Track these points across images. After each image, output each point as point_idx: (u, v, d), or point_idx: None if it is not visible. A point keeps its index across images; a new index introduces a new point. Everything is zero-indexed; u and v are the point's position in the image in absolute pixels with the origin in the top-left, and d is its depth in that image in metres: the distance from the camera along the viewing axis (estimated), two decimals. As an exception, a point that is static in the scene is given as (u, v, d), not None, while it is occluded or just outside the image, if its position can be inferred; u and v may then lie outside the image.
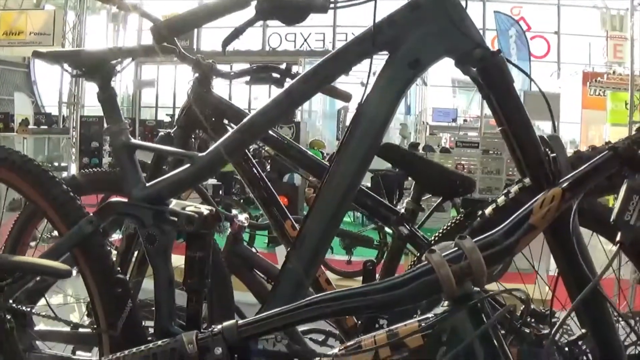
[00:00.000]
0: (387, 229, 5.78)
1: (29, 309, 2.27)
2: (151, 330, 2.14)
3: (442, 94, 21.24)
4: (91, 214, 2.08)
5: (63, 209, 2.16)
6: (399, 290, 1.26)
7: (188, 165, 2.06)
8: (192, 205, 2.05)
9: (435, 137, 17.29)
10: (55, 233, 2.28)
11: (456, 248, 1.25)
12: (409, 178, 2.90)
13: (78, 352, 2.70)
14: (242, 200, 9.31)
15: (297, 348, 1.30)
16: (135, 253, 2.80)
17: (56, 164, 12.29)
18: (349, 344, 1.37)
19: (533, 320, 2.37)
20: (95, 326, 2.19)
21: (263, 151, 10.92)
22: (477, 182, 10.78)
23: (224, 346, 1.25)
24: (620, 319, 2.04)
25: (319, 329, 3.63)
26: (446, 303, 1.30)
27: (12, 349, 1.79)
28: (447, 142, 16.55)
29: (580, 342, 2.17)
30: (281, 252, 2.21)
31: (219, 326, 1.28)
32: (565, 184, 1.34)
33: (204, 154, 2.06)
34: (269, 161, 10.89)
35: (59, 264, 1.86)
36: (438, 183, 2.58)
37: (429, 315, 1.32)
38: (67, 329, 2.52)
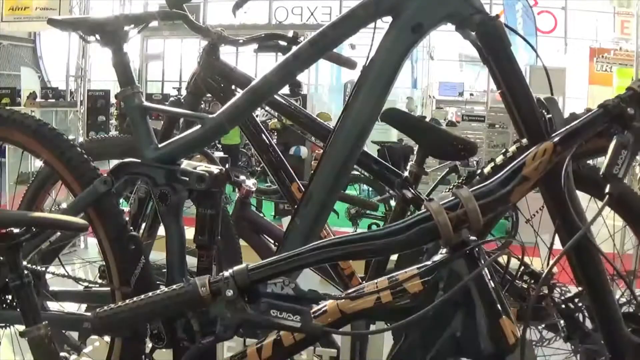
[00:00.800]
0: (392, 202, 5.89)
1: (43, 268, 2.37)
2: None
3: (448, 68, 21.26)
4: (105, 175, 2.18)
5: (77, 170, 2.25)
6: (399, 236, 1.35)
7: (198, 126, 2.15)
8: (202, 165, 2.15)
9: (442, 111, 17.34)
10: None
11: (453, 197, 1.33)
12: (414, 151, 2.97)
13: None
14: (248, 173, 9.44)
15: (303, 291, 1.38)
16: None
17: (64, 137, 12.43)
18: (352, 289, 1.46)
19: (532, 281, 2.47)
20: (108, 283, 2.29)
21: (270, 123, 11.02)
22: (482, 155, 10.86)
23: (234, 288, 1.34)
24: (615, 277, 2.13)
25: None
26: (444, 251, 1.38)
27: (31, 304, 1.88)
28: (454, 116, 16.58)
29: (576, 300, 2.26)
30: (287, 222, 2.28)
31: (230, 270, 1.37)
32: (556, 139, 1.42)
33: (213, 115, 2.14)
34: (276, 134, 11.00)
35: (76, 218, 1.96)
36: (441, 146, 2.65)
37: (428, 262, 1.41)
38: (80, 288, 2.62)
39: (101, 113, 13.67)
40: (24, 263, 1.98)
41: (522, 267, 2.48)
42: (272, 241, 3.21)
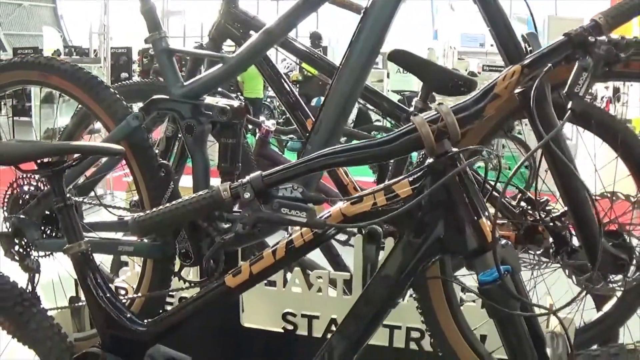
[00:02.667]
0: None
1: (80, 199, 2.66)
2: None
3: (470, 20, 21.30)
4: (137, 111, 2.47)
5: (111, 108, 2.54)
6: (390, 145, 1.61)
7: (220, 65, 2.44)
8: (224, 100, 2.44)
9: (463, 62, 17.43)
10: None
11: (435, 112, 1.59)
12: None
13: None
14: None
15: (310, 195, 1.64)
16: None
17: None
18: (352, 196, 1.74)
19: (529, 207, 2.72)
20: (141, 210, 2.59)
21: (291, 75, 11.23)
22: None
23: (251, 192, 1.61)
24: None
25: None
26: (429, 161, 1.65)
27: (73, 223, 2.15)
28: (475, 68, 16.67)
29: (563, 218, 2.52)
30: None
31: (247, 177, 1.64)
32: (524, 62, 1.68)
33: (234, 55, 2.43)
34: (297, 86, 11.25)
35: (113, 145, 2.24)
36: (443, 83, 2.90)
37: (416, 170, 1.67)
38: (114, 218, 2.91)
39: (124, 70, 13.96)
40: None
41: (520, 194, 2.76)
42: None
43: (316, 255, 3.52)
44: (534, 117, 1.80)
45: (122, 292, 2.96)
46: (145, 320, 2.10)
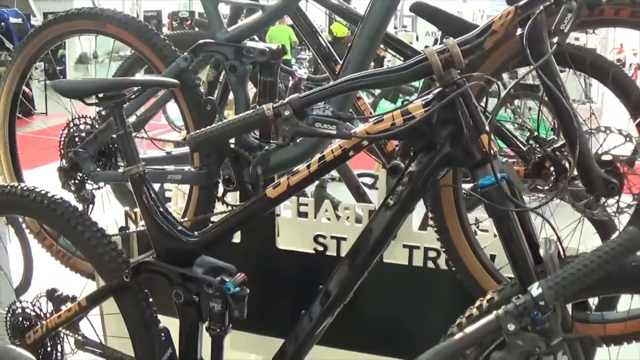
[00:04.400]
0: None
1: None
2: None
3: (501, -16, 21.36)
4: (185, 53, 2.84)
5: (162, 52, 2.92)
6: (405, 71, 1.96)
7: (259, 12, 2.81)
8: (262, 44, 2.81)
9: (493, 25, 17.59)
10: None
11: (443, 45, 1.94)
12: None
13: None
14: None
15: (339, 113, 2.00)
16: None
17: (122, 53, 13.14)
18: (375, 116, 2.09)
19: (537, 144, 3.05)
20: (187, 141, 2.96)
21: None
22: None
23: (290, 110, 1.95)
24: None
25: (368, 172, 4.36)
26: (437, 89, 2.00)
27: (131, 148, 2.51)
28: (505, 32, 16.79)
29: (562, 149, 2.85)
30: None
31: (287, 98, 1.99)
32: (519, 4, 2.00)
33: (271, 4, 2.81)
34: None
35: (169, 79, 2.63)
36: (460, 32, 3.22)
37: (427, 95, 2.03)
38: (163, 153, 3.29)
39: (155, 33, 14.31)
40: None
41: (529, 132, 3.10)
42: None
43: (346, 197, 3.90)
44: (526, 52, 2.11)
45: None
46: (195, 232, 2.48)
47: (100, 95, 2.45)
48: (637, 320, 2.38)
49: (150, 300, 2.58)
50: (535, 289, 1.50)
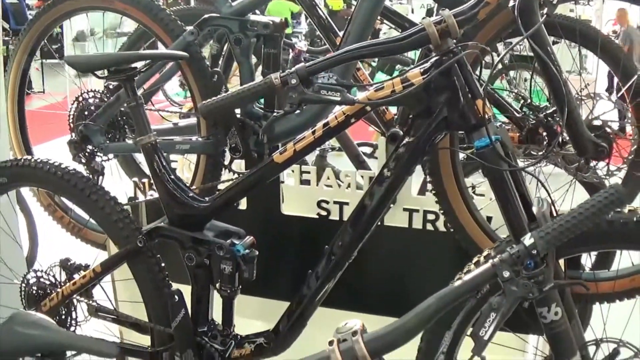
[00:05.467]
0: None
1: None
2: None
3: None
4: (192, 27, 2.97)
5: (168, 26, 3.05)
6: (404, 41, 2.09)
7: (262, -14, 2.96)
8: (266, 17, 2.95)
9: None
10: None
11: (440, 17, 2.07)
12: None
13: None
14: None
15: (342, 81, 2.13)
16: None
17: (119, 30, 13.26)
18: (376, 84, 2.23)
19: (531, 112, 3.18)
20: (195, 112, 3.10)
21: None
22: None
23: (297, 78, 2.08)
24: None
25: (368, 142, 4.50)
26: (434, 58, 2.13)
27: (143, 119, 2.65)
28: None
29: (554, 115, 2.99)
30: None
31: (293, 68, 2.12)
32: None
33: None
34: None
35: (178, 51, 2.77)
36: (454, 3, 3.34)
37: (425, 63, 2.16)
38: (170, 125, 3.43)
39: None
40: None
41: (523, 100, 3.24)
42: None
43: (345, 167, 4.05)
44: (518, 23, 2.23)
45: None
46: (205, 198, 2.62)
47: (112, 69, 2.57)
48: (626, 279, 2.53)
49: (162, 265, 2.71)
50: (527, 239, 1.63)
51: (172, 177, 2.63)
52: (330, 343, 1.50)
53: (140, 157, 3.79)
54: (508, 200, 2.10)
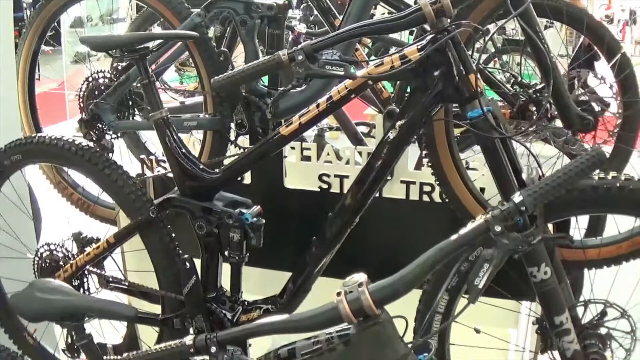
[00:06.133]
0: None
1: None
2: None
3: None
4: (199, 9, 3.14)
5: (176, 9, 3.22)
6: (401, 20, 2.26)
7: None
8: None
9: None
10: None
11: (434, -5, 2.25)
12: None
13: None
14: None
15: (345, 57, 2.30)
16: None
17: (114, 16, 13.48)
18: (376, 60, 2.40)
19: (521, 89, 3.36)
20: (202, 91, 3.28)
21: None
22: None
23: (303, 54, 2.24)
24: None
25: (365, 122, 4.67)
26: (430, 35, 2.30)
27: (155, 95, 2.82)
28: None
29: (543, 91, 3.17)
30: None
31: (300, 45, 2.30)
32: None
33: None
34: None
35: (188, 31, 2.94)
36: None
37: (422, 40, 2.34)
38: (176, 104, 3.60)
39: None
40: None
41: (514, 79, 3.42)
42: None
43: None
44: (507, 3, 2.38)
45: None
46: (215, 169, 2.79)
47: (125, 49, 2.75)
48: (611, 247, 2.71)
49: (173, 235, 2.89)
50: (517, 197, 1.79)
51: (183, 150, 2.80)
52: (338, 294, 1.62)
53: (144, 137, 3.98)
54: (499, 166, 2.28)
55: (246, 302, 2.90)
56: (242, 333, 1.86)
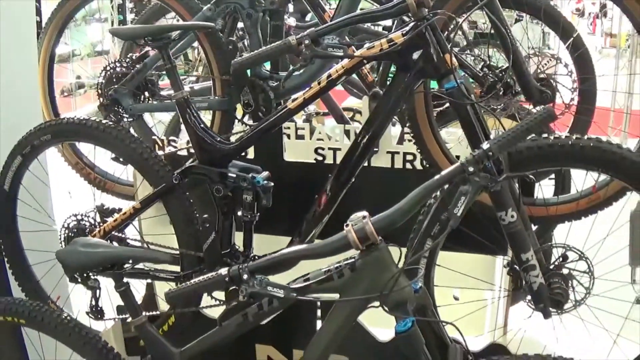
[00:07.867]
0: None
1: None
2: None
3: None
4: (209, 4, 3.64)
5: (188, 4, 3.75)
6: (388, 10, 2.77)
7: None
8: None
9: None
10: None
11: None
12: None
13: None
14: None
15: (343, 41, 2.81)
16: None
17: (97, 16, 13.81)
18: (369, 44, 2.93)
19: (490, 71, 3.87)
20: (210, 74, 3.78)
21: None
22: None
23: (309, 39, 2.73)
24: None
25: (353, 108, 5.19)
26: (412, 23, 2.83)
27: (176, 78, 3.27)
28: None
29: (509, 72, 3.68)
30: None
31: (307, 31, 2.81)
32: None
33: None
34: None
35: (203, 22, 3.45)
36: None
37: (405, 26, 2.86)
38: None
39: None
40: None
41: (483, 62, 3.94)
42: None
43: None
44: None
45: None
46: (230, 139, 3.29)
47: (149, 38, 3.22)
48: (570, 204, 3.24)
49: (191, 200, 3.36)
50: (485, 145, 2.24)
51: (202, 125, 3.29)
52: (346, 225, 2.06)
53: (151, 122, 4.45)
54: (471, 127, 2.77)
55: (257, 257, 3.33)
56: (269, 262, 2.23)
